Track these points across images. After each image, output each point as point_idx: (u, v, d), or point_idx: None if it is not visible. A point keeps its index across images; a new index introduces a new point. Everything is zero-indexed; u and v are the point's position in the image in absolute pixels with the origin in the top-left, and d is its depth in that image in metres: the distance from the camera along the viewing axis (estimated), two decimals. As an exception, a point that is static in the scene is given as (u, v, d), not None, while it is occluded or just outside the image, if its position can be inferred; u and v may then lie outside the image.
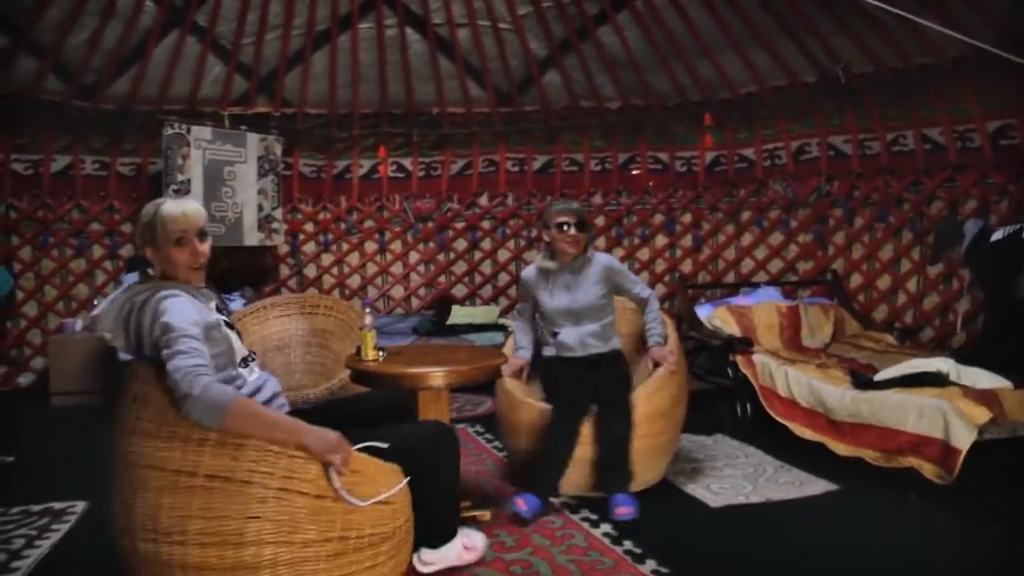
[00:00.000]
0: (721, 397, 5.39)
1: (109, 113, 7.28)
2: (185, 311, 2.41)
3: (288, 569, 2.27)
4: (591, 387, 3.90)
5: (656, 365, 4.09)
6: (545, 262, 4.21)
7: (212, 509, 2.22)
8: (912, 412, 3.79)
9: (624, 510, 3.55)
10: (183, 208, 2.59)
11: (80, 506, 3.96)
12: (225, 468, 2.23)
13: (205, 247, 2.60)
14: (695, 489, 4.05)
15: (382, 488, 2.44)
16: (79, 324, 7.04)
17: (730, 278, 7.61)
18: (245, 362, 2.66)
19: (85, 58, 6.89)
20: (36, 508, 3.95)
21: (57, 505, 3.98)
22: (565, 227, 4.07)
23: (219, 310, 2.67)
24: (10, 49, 6.58)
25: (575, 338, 4.15)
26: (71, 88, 7.06)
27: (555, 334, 4.21)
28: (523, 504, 3.57)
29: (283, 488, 2.25)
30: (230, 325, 2.70)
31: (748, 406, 5.09)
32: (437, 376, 3.42)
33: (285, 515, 2.25)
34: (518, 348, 4.38)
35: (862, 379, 4.33)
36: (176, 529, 2.24)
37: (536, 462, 3.83)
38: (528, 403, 4.01)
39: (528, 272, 4.33)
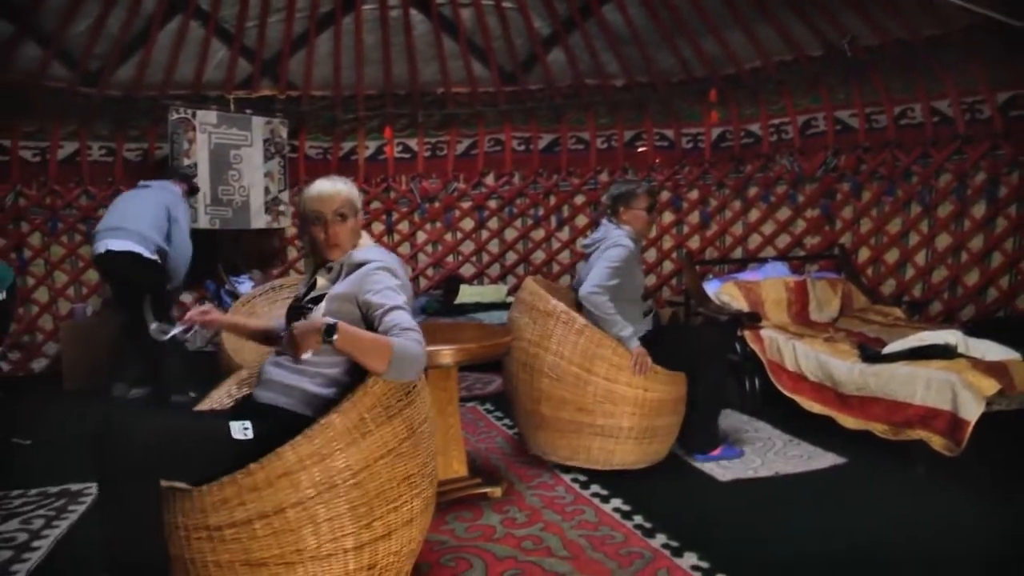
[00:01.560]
0: (730, 372, 5.37)
1: (114, 99, 7.27)
2: None
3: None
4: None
5: None
6: (632, 238, 4.17)
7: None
8: (920, 385, 3.80)
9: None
10: (319, 190, 2.68)
11: (95, 488, 3.99)
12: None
13: (341, 228, 2.66)
14: (704, 464, 4.08)
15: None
16: (89, 309, 7.07)
17: (737, 254, 7.59)
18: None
19: (88, 45, 6.86)
20: (53, 490, 4.01)
21: (74, 487, 4.04)
22: (651, 210, 4.17)
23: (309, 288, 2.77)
24: (13, 37, 6.55)
25: (650, 312, 4.28)
26: (76, 75, 7.04)
27: (651, 310, 4.30)
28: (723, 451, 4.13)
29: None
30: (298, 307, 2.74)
31: (756, 381, 5.10)
32: (446, 355, 3.43)
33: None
34: (633, 336, 3.95)
35: (870, 352, 4.33)
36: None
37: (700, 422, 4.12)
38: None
39: (630, 244, 4.12)
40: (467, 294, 7.47)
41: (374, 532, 2.32)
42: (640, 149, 8.02)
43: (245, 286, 7.18)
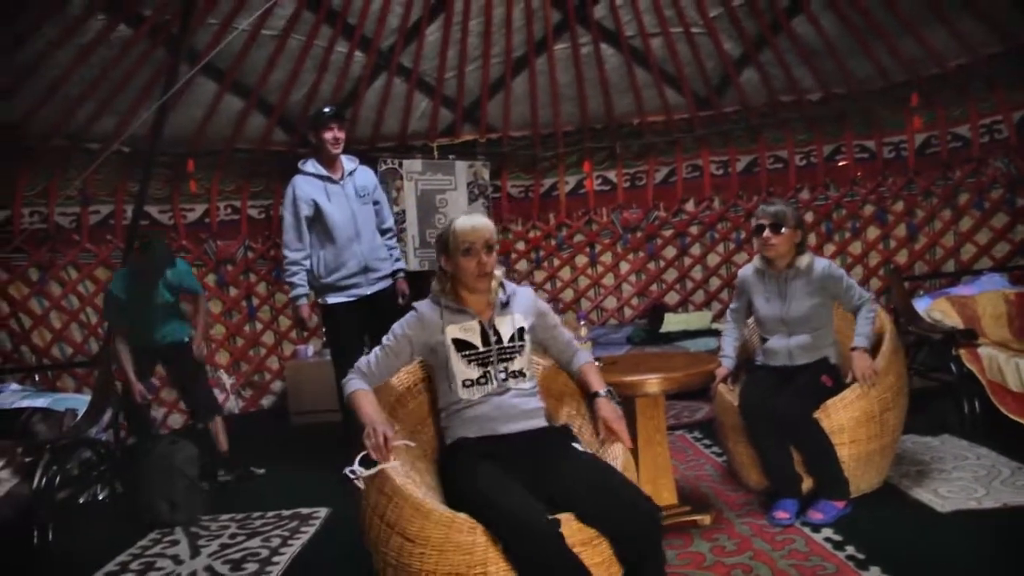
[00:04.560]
0: (946, 395, 5.15)
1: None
2: (406, 324, 2.92)
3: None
4: (777, 398, 3.82)
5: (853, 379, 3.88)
6: (760, 264, 4.13)
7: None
8: None
9: (813, 513, 3.63)
10: (472, 222, 2.86)
11: (323, 512, 4.51)
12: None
13: (491, 258, 2.85)
14: (921, 493, 3.90)
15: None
16: (310, 350, 7.74)
17: (949, 267, 7.21)
18: (470, 383, 2.85)
19: (305, 109, 7.54)
20: (287, 513, 4.56)
21: (304, 510, 4.57)
22: (761, 230, 3.94)
23: (483, 328, 2.91)
24: (244, 110, 7.39)
25: (783, 348, 4.05)
26: (294, 138, 7.78)
27: (764, 340, 4.18)
28: (784, 514, 3.66)
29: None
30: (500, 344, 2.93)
31: (976, 403, 4.85)
32: (652, 383, 3.51)
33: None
34: (723, 356, 4.29)
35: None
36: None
37: (765, 468, 3.91)
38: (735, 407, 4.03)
39: (745, 271, 4.23)
40: (672, 322, 7.47)
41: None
42: (840, 163, 7.83)
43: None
